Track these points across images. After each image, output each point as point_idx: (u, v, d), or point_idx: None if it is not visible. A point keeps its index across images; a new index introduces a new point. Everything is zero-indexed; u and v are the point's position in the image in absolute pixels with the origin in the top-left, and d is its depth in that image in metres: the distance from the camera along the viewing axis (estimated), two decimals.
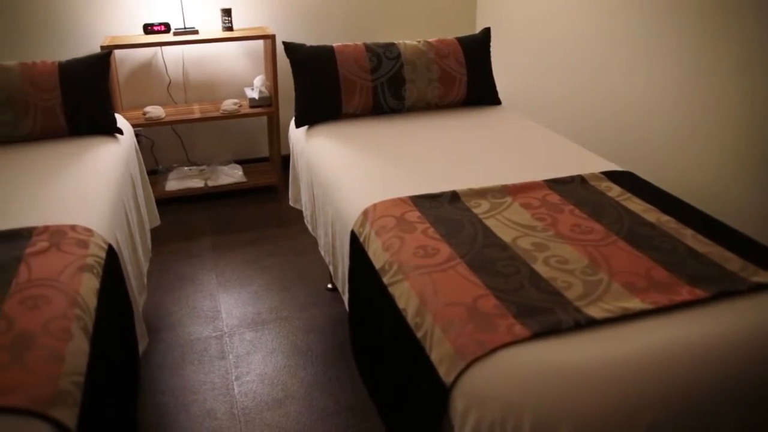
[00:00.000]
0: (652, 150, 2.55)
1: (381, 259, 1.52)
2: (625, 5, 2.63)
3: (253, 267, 2.77)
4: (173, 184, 3.39)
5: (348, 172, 1.96)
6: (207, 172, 3.52)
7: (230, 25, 3.30)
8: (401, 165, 2.00)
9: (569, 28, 3.02)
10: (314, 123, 2.41)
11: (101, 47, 2.98)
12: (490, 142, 2.19)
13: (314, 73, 2.39)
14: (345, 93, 2.40)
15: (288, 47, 2.42)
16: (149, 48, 3.32)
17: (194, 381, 2.08)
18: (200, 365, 2.16)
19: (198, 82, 3.52)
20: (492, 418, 1.07)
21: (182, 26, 3.26)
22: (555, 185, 1.82)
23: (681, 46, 2.37)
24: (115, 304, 1.57)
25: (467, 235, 1.54)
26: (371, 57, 2.43)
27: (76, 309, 1.31)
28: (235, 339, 2.29)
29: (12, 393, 1.06)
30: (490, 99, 2.63)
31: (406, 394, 1.35)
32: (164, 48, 3.37)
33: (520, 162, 2.02)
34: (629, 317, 1.24)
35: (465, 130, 2.32)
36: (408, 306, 1.36)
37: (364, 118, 2.46)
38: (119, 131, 2.39)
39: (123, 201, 1.99)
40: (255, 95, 3.38)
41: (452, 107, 2.60)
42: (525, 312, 1.24)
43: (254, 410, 1.96)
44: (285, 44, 2.43)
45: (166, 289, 2.60)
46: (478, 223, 1.60)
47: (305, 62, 2.40)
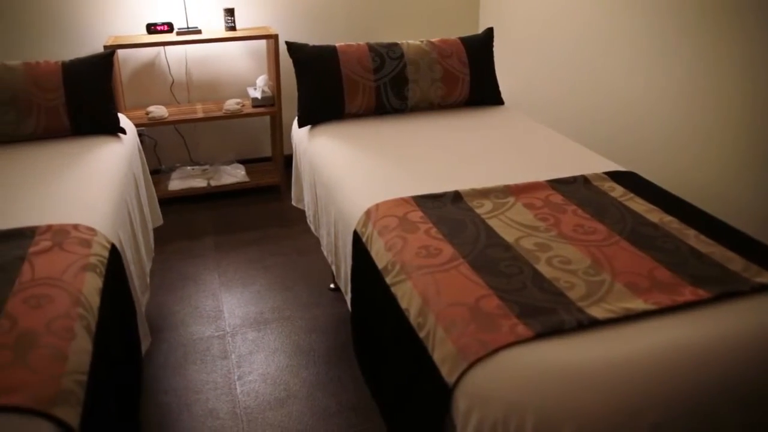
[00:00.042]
0: (653, 150, 2.55)
1: (383, 259, 1.52)
2: (627, 5, 2.63)
3: (256, 267, 2.77)
4: (176, 184, 3.39)
5: (351, 172, 1.96)
6: (210, 172, 3.52)
7: (233, 25, 3.30)
8: (404, 165, 2.00)
9: (571, 29, 3.02)
10: (317, 123, 2.42)
11: (104, 47, 2.99)
12: (493, 142, 2.19)
13: (317, 73, 2.39)
14: (348, 93, 2.40)
15: (291, 47, 2.42)
16: (152, 48, 3.32)
17: (197, 380, 2.09)
18: (203, 365, 2.16)
19: (201, 82, 3.52)
20: (494, 419, 1.07)
21: (185, 26, 3.26)
22: (558, 185, 1.81)
23: (682, 46, 2.37)
24: (118, 304, 1.57)
25: (470, 236, 1.54)
26: (374, 57, 2.43)
27: (79, 308, 1.32)
28: (238, 339, 2.29)
29: (15, 392, 1.06)
30: (493, 99, 2.63)
31: (409, 394, 1.35)
32: (167, 48, 3.37)
33: (523, 162, 2.02)
34: (632, 318, 1.24)
35: (468, 130, 2.32)
36: (410, 306, 1.36)
37: (367, 118, 2.46)
38: (122, 131, 2.40)
39: (126, 200, 2.00)
40: (258, 95, 3.38)
41: (455, 107, 2.60)
42: (528, 312, 1.24)
43: (256, 410, 1.96)
44: (288, 44, 2.43)
45: (169, 289, 2.60)
46: (481, 224, 1.60)
47: (308, 62, 2.40)
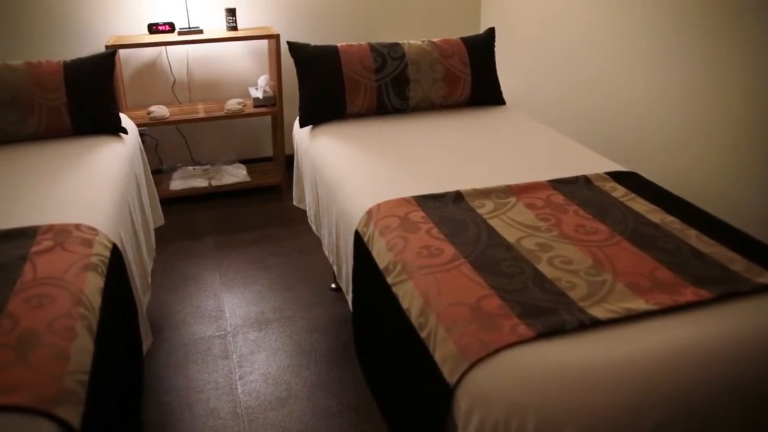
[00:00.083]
0: (654, 150, 2.55)
1: (385, 259, 1.52)
2: (628, 5, 2.63)
3: (257, 266, 2.77)
4: (177, 184, 3.40)
5: (352, 172, 1.96)
6: (211, 172, 3.53)
7: (234, 25, 3.31)
8: (405, 165, 2.00)
9: (572, 29, 3.01)
10: (318, 123, 2.42)
11: (106, 47, 2.99)
12: (494, 142, 2.19)
13: (318, 73, 2.39)
14: (349, 93, 2.40)
15: (292, 47, 2.42)
16: (154, 48, 3.33)
17: (198, 380, 2.09)
18: (204, 364, 2.16)
19: (202, 82, 3.53)
20: (496, 419, 1.07)
21: (187, 26, 3.27)
22: (559, 185, 1.81)
23: (682, 46, 2.37)
24: (120, 303, 1.58)
25: (471, 235, 1.54)
26: (375, 57, 2.43)
27: (81, 308, 1.32)
28: (239, 338, 2.30)
29: (17, 391, 1.06)
30: (495, 99, 2.63)
31: (410, 394, 1.35)
32: (169, 48, 3.37)
33: (524, 162, 2.02)
34: (633, 318, 1.24)
35: (469, 130, 2.32)
36: (412, 306, 1.36)
37: (368, 118, 2.46)
38: (124, 131, 2.40)
39: (127, 200, 2.00)
40: (259, 95, 3.38)
41: (456, 107, 2.60)
42: (529, 312, 1.24)
43: (258, 410, 1.96)
44: (289, 44, 2.43)
45: (170, 289, 2.60)
46: (482, 224, 1.60)
47: (309, 62, 2.41)
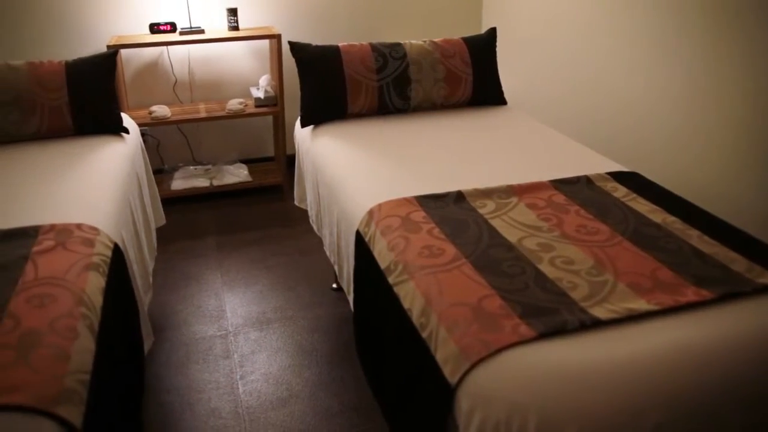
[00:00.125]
0: (654, 150, 2.55)
1: (386, 259, 1.52)
2: (629, 5, 2.62)
3: (258, 266, 2.77)
4: (179, 184, 3.40)
5: (353, 172, 1.96)
6: (212, 172, 3.53)
7: (236, 25, 3.31)
8: (406, 165, 2.00)
9: (573, 29, 3.01)
10: (320, 123, 2.42)
11: (107, 47, 2.99)
12: (496, 142, 2.19)
13: (320, 73, 2.39)
14: (350, 93, 2.40)
15: (294, 47, 2.42)
16: (155, 47, 3.33)
17: (199, 380, 2.09)
18: (205, 364, 2.16)
19: (204, 82, 3.53)
20: (497, 419, 1.07)
21: (188, 26, 3.27)
22: (560, 185, 1.81)
23: (682, 46, 2.36)
24: (121, 303, 1.58)
25: (472, 236, 1.54)
26: (377, 57, 2.43)
27: (82, 308, 1.32)
28: (240, 338, 2.30)
29: (18, 391, 1.06)
30: (496, 99, 2.62)
31: (411, 394, 1.35)
32: (170, 47, 3.37)
33: (526, 162, 2.02)
34: (634, 318, 1.24)
35: (470, 130, 2.32)
36: (413, 306, 1.36)
37: (370, 118, 2.46)
38: (125, 130, 2.40)
39: (129, 200, 2.00)
40: (260, 95, 3.38)
41: (458, 107, 2.60)
42: (530, 312, 1.24)
43: (259, 409, 1.96)
44: (291, 44, 2.43)
45: (172, 288, 2.61)
46: (484, 224, 1.60)
47: (311, 62, 2.41)
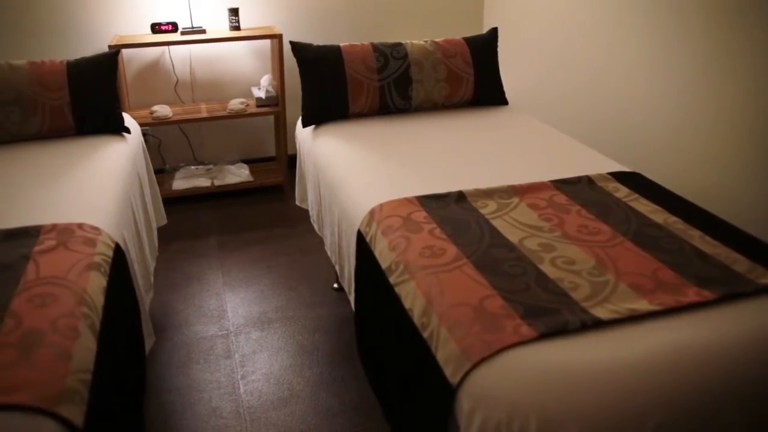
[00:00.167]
0: (656, 150, 2.55)
1: (387, 259, 1.52)
2: (630, 6, 2.62)
3: (260, 266, 2.77)
4: (180, 183, 3.40)
5: (354, 172, 1.96)
6: (214, 172, 3.53)
7: (237, 25, 3.31)
8: (408, 165, 2.00)
9: (575, 29, 3.01)
10: (321, 122, 2.42)
11: (109, 46, 2.99)
12: (497, 143, 2.19)
13: (321, 73, 2.39)
14: (352, 93, 2.40)
15: (295, 47, 2.42)
16: (157, 47, 3.33)
17: (200, 380, 2.09)
18: (206, 364, 2.16)
19: (205, 82, 3.53)
20: (498, 419, 1.07)
21: (189, 26, 3.27)
22: (562, 186, 1.81)
23: (684, 46, 2.36)
24: (122, 303, 1.58)
25: (474, 236, 1.54)
26: (378, 57, 2.43)
27: (84, 307, 1.32)
28: (241, 338, 2.30)
29: (20, 391, 1.06)
30: (497, 99, 2.62)
31: (412, 395, 1.35)
32: (171, 47, 3.38)
33: (527, 162, 2.01)
34: (636, 318, 1.24)
35: (472, 131, 2.32)
36: (414, 306, 1.36)
37: (371, 118, 2.46)
38: (127, 130, 2.40)
39: (130, 200, 2.00)
40: (262, 95, 3.38)
41: (459, 107, 2.59)
42: (532, 313, 1.24)
43: (260, 409, 1.96)
44: (292, 44, 2.43)
45: (173, 288, 2.61)
46: (485, 224, 1.60)
47: (312, 62, 2.41)
